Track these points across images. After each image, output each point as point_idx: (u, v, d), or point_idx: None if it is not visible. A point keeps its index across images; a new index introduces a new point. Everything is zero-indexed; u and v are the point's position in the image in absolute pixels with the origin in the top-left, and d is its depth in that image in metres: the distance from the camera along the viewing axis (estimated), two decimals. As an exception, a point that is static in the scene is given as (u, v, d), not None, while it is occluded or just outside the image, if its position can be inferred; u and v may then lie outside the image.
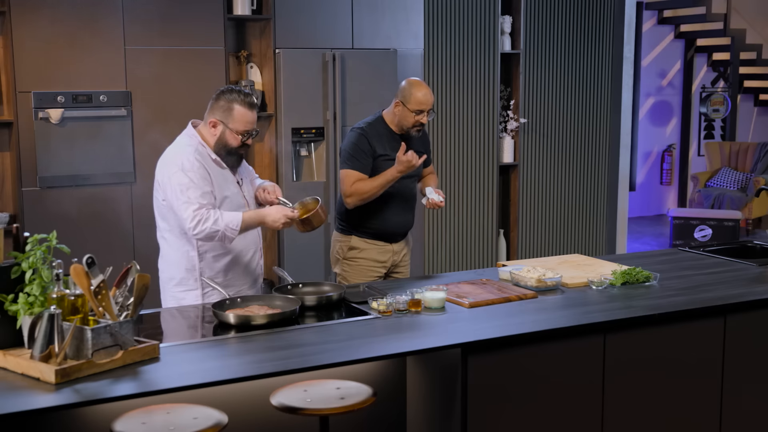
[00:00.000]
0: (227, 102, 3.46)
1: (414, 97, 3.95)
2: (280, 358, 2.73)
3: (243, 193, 3.60)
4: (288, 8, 5.61)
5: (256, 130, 3.53)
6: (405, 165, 3.89)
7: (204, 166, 3.45)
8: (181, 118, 5.31)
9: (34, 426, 2.68)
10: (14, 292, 2.67)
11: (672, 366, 3.33)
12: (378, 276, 4.15)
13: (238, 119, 3.45)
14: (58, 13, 4.97)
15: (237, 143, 3.49)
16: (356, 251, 4.13)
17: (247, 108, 3.46)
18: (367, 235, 4.12)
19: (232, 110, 3.45)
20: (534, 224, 7.03)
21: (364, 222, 4.10)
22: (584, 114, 7.13)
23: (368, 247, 4.12)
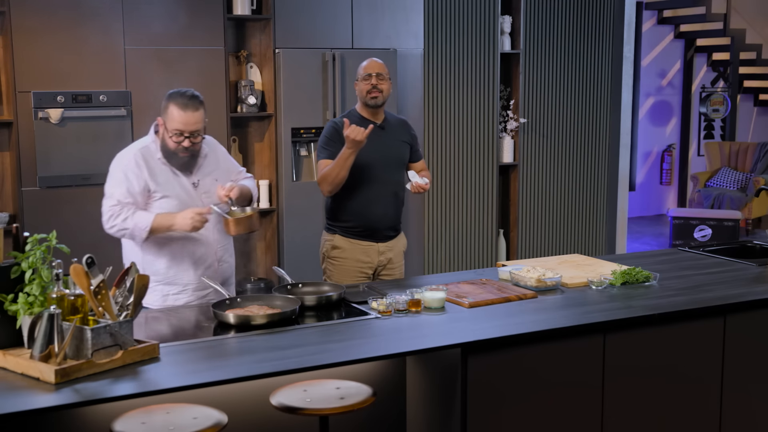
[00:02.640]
0: (166, 102, 3.43)
1: (359, 69, 4.09)
2: (279, 358, 2.73)
3: (199, 196, 3.54)
4: (288, 8, 5.61)
5: (196, 133, 3.42)
6: (350, 138, 3.81)
7: (147, 165, 3.45)
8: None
9: (34, 426, 2.68)
10: (14, 292, 2.67)
11: (672, 366, 3.33)
12: (364, 277, 4.11)
13: (171, 119, 3.40)
14: (58, 13, 4.96)
15: (173, 145, 3.43)
16: (339, 251, 4.10)
17: (179, 108, 3.38)
18: (351, 234, 4.08)
19: (167, 109, 3.41)
20: (534, 224, 7.03)
21: (347, 219, 4.08)
22: (584, 114, 7.13)
23: (351, 246, 4.08)
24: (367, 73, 4.05)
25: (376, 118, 4.10)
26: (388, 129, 4.13)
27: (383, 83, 4.05)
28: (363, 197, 4.04)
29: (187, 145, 3.43)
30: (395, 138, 4.13)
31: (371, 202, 4.06)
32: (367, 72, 4.05)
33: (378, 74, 4.03)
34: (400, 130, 4.18)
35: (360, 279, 4.09)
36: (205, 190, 3.57)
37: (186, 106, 3.38)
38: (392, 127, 4.16)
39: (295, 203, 5.69)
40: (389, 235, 4.15)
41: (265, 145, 5.79)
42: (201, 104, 3.45)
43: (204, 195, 3.56)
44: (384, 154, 4.08)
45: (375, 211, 4.07)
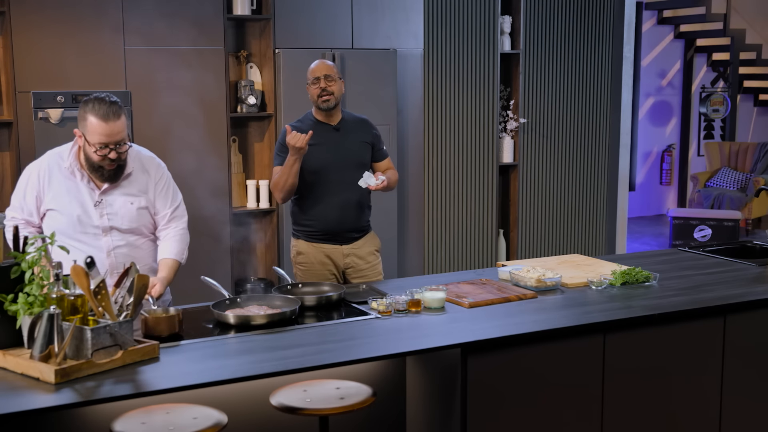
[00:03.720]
0: (83, 111, 3.14)
1: (309, 72, 4.00)
2: (279, 358, 2.73)
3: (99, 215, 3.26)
4: (288, 8, 5.61)
5: (122, 143, 3.16)
6: (292, 147, 3.79)
7: (50, 175, 3.25)
8: (180, 118, 5.33)
9: (33, 426, 2.68)
10: (14, 292, 2.67)
11: (672, 366, 3.33)
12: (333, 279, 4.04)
13: (91, 131, 3.12)
14: (58, 13, 4.97)
15: (95, 157, 3.16)
16: (303, 256, 4.06)
17: (100, 118, 3.10)
18: (313, 238, 4.04)
19: (86, 120, 3.13)
20: (534, 224, 7.03)
21: (307, 223, 4.04)
22: (584, 114, 7.13)
23: (314, 251, 4.03)
24: (315, 76, 3.96)
25: (331, 120, 4.03)
26: (344, 130, 4.05)
27: (332, 84, 3.96)
28: (321, 200, 3.99)
29: (113, 157, 3.17)
30: (353, 139, 4.05)
31: (330, 205, 3.99)
32: (315, 75, 3.96)
33: (326, 76, 3.94)
34: (358, 130, 4.09)
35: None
36: (109, 210, 3.28)
37: (107, 115, 3.10)
38: (349, 127, 4.08)
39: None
40: (353, 236, 4.08)
41: (265, 145, 5.79)
42: (121, 109, 3.17)
43: (107, 215, 3.27)
44: (341, 155, 4.00)
45: (334, 214, 4.00)
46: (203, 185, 5.34)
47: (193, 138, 5.33)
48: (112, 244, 3.31)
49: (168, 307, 3.09)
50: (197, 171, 5.35)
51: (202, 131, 5.40)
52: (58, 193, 3.26)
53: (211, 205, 5.33)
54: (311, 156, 3.91)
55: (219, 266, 5.36)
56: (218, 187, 5.46)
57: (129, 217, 3.33)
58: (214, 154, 5.45)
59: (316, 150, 3.93)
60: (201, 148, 5.37)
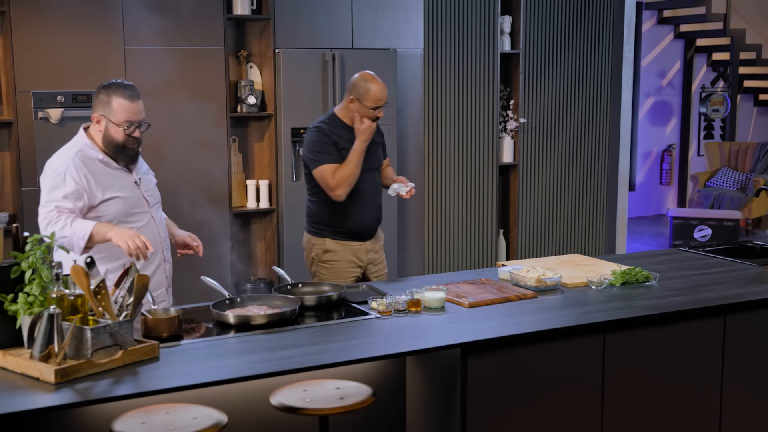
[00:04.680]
0: (107, 96, 3.34)
1: (371, 94, 3.94)
2: (279, 358, 2.73)
3: (142, 193, 3.49)
4: (288, 8, 5.61)
5: (144, 122, 3.38)
6: (367, 132, 3.89)
7: (86, 169, 3.33)
8: (180, 118, 5.33)
9: (33, 426, 2.68)
10: (14, 291, 2.67)
11: (672, 366, 3.33)
12: (353, 277, 4.10)
13: (118, 110, 3.31)
14: (58, 13, 4.96)
15: (121, 137, 3.35)
16: (331, 254, 4.08)
17: (126, 99, 3.32)
18: (341, 236, 4.07)
19: (110, 102, 3.32)
20: (534, 224, 7.03)
21: (338, 222, 4.06)
22: (584, 114, 7.13)
23: (342, 248, 4.07)
24: (377, 105, 3.95)
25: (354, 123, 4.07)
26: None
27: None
28: (353, 200, 4.03)
29: (137, 135, 3.38)
30: (373, 140, 4.08)
31: (360, 203, 4.06)
32: (378, 104, 3.95)
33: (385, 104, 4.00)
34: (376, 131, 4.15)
35: (350, 280, 4.08)
36: (146, 188, 3.53)
37: (132, 95, 3.34)
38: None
39: (294, 203, 5.69)
40: (373, 233, 4.19)
41: (264, 145, 5.79)
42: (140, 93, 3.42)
43: (146, 193, 3.51)
44: (366, 157, 4.03)
45: (363, 212, 4.08)
46: (203, 185, 5.34)
47: (193, 138, 5.33)
48: (158, 217, 3.57)
49: (168, 307, 3.10)
50: (197, 171, 5.35)
51: (202, 131, 5.40)
52: (107, 184, 3.38)
53: (211, 205, 5.33)
54: (344, 158, 3.95)
55: (219, 266, 5.35)
56: (218, 187, 5.46)
57: (155, 192, 3.62)
58: (214, 154, 5.45)
59: (347, 152, 3.96)
60: (201, 148, 5.37)
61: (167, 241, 3.63)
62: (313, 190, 4.07)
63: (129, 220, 3.42)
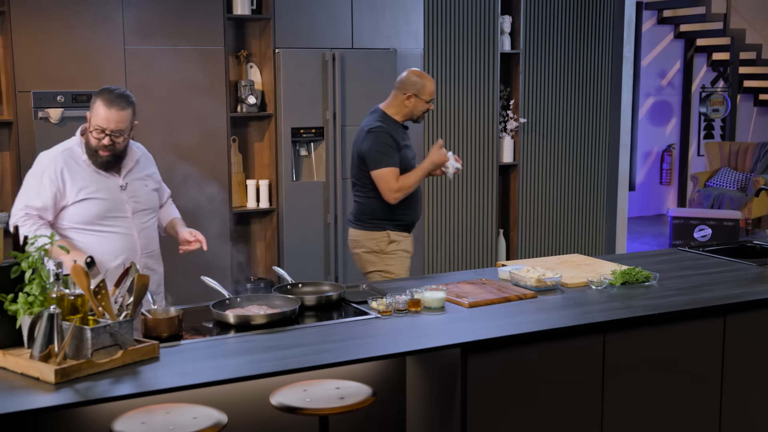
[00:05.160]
0: (95, 97, 3.37)
1: (427, 89, 4.22)
2: (279, 358, 2.73)
3: (126, 199, 3.46)
4: (288, 8, 5.61)
5: (119, 133, 3.33)
6: (441, 158, 4.20)
7: (67, 167, 3.34)
8: (181, 118, 5.33)
9: (33, 426, 2.68)
10: (14, 291, 2.67)
11: (671, 366, 3.33)
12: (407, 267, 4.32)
13: (95, 115, 3.33)
14: (58, 13, 4.96)
15: (94, 142, 3.35)
16: (395, 244, 4.26)
17: (105, 104, 3.31)
18: (399, 228, 4.27)
19: (94, 105, 3.35)
20: (534, 224, 7.03)
21: (399, 215, 4.25)
22: (584, 114, 7.13)
23: (402, 239, 4.29)
24: (433, 98, 4.26)
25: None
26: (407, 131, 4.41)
27: None
28: (412, 194, 4.27)
29: (107, 143, 3.34)
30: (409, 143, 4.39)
31: (416, 198, 4.32)
32: (433, 97, 4.26)
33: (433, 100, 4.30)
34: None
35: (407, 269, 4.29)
36: (133, 194, 3.49)
37: (111, 103, 3.31)
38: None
39: (294, 203, 5.70)
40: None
41: (265, 145, 5.79)
42: (130, 105, 3.37)
43: (132, 198, 3.48)
44: (413, 154, 4.36)
45: (417, 205, 4.35)
46: (203, 185, 5.34)
47: (193, 138, 5.33)
48: (140, 224, 3.51)
49: (168, 307, 3.10)
50: (197, 171, 5.34)
51: (202, 131, 5.40)
52: (83, 185, 3.37)
53: (211, 205, 5.33)
54: (404, 156, 4.22)
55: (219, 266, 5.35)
56: (218, 187, 5.46)
57: (147, 199, 3.56)
58: (214, 154, 5.45)
59: (407, 149, 4.26)
60: (201, 148, 5.37)
61: (151, 249, 3.57)
62: (369, 187, 4.22)
63: (102, 223, 3.40)
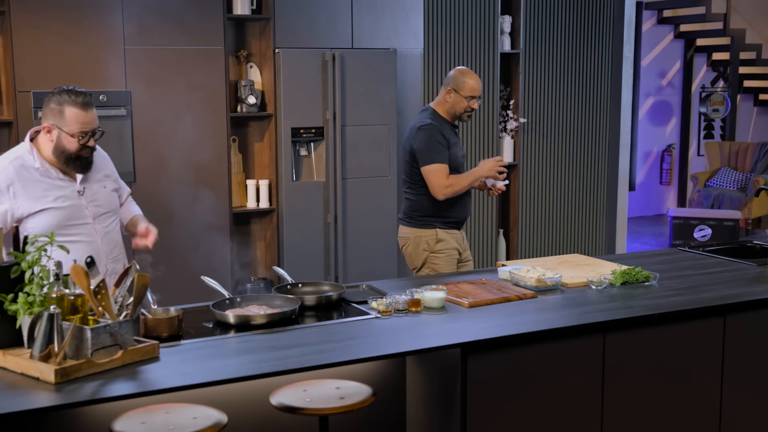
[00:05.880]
0: (58, 104, 3.18)
1: (467, 85, 4.30)
2: (279, 358, 2.73)
3: (85, 204, 3.31)
4: (288, 8, 5.61)
5: (98, 130, 3.26)
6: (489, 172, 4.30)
7: (20, 179, 3.18)
8: (180, 118, 5.33)
9: (33, 426, 2.68)
10: (14, 291, 2.67)
11: (671, 366, 3.33)
12: (457, 262, 4.42)
13: (71, 121, 3.17)
14: (58, 13, 4.96)
15: (75, 147, 3.21)
16: (443, 243, 4.35)
17: (79, 108, 3.19)
18: (448, 226, 4.37)
19: (63, 112, 3.17)
20: (534, 224, 7.03)
21: (449, 212, 4.36)
22: (584, 114, 7.13)
23: (449, 237, 4.38)
24: (473, 95, 4.32)
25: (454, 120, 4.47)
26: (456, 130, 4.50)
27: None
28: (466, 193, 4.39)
29: (92, 145, 3.26)
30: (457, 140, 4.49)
31: (465, 196, 4.41)
32: (473, 94, 4.32)
33: (479, 97, 4.36)
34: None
35: (455, 267, 4.40)
36: (92, 198, 3.35)
37: (85, 104, 3.21)
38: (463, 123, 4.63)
39: (294, 203, 5.70)
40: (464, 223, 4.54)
41: (265, 145, 5.79)
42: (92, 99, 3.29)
43: (91, 203, 3.34)
44: (463, 153, 4.48)
45: (467, 203, 4.44)
46: (203, 185, 5.34)
47: (193, 138, 5.33)
48: (103, 229, 3.38)
49: (168, 307, 3.10)
50: (197, 171, 5.35)
51: (202, 131, 5.40)
52: (37, 196, 3.22)
53: (210, 205, 5.33)
54: (453, 154, 4.34)
55: (219, 266, 5.35)
56: (218, 187, 5.46)
57: (107, 201, 3.43)
58: (214, 154, 5.45)
59: (456, 147, 4.38)
60: (201, 148, 5.37)
61: (116, 254, 3.45)
62: (419, 184, 4.33)
63: (64, 233, 3.22)
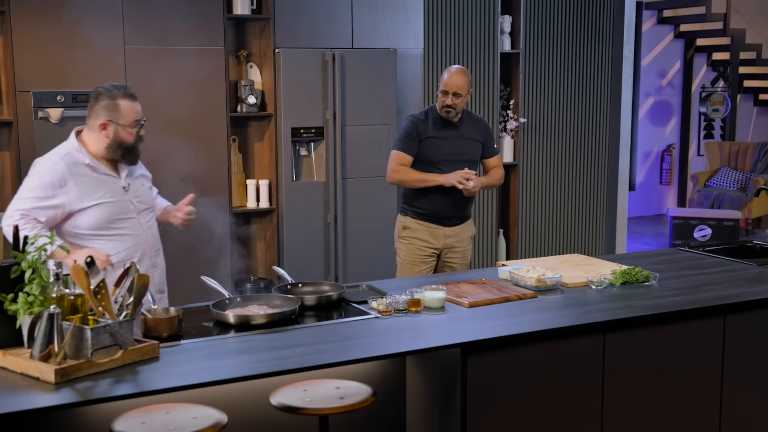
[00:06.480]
0: (111, 99, 3.35)
1: (442, 80, 4.39)
2: (279, 358, 2.73)
3: (130, 199, 3.44)
4: (288, 8, 5.61)
5: (144, 119, 3.45)
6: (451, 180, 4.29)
7: (72, 174, 3.28)
8: (180, 117, 5.33)
9: (33, 426, 2.68)
10: (14, 291, 2.67)
11: (671, 366, 3.33)
12: (428, 255, 4.48)
13: (127, 112, 3.36)
14: (58, 12, 4.96)
15: (131, 138, 3.38)
16: (408, 231, 4.49)
17: (130, 99, 3.39)
18: (420, 217, 4.46)
19: (118, 106, 3.35)
20: (534, 224, 7.03)
21: (417, 203, 4.46)
22: (584, 114, 7.13)
23: (420, 228, 4.46)
24: (444, 90, 4.36)
25: (454, 118, 4.43)
26: (462, 128, 4.48)
27: (458, 100, 4.35)
28: (434, 188, 4.39)
29: (143, 134, 3.44)
30: (468, 137, 4.48)
31: (441, 193, 4.39)
32: (444, 89, 4.36)
33: (455, 94, 4.33)
34: (473, 129, 4.51)
35: (426, 258, 4.49)
36: (135, 194, 3.48)
37: (134, 96, 3.43)
38: (466, 126, 4.49)
39: (294, 203, 5.70)
40: (455, 222, 4.50)
41: (265, 144, 5.79)
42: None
43: (135, 199, 3.46)
44: (455, 150, 4.43)
45: (442, 202, 4.41)
46: (203, 185, 5.34)
47: (193, 137, 5.33)
48: (146, 224, 3.51)
49: (168, 307, 3.10)
50: (197, 170, 5.34)
51: (202, 131, 5.40)
52: (88, 192, 3.32)
53: (210, 205, 5.32)
54: (431, 147, 4.39)
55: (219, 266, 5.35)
56: (218, 187, 5.47)
57: (147, 197, 3.56)
58: (214, 154, 5.45)
59: (435, 142, 4.39)
60: (201, 148, 5.37)
61: (157, 247, 3.58)
62: None
63: (113, 227, 3.37)
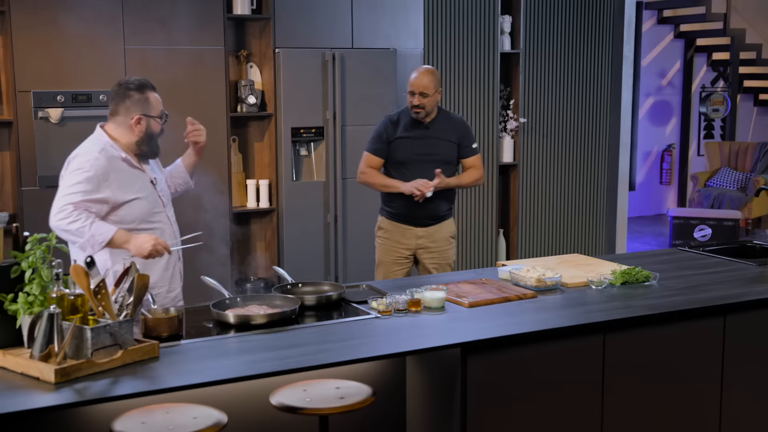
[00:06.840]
0: (140, 93, 3.41)
1: (409, 80, 4.35)
2: (279, 358, 2.73)
3: (158, 194, 3.51)
4: (288, 8, 5.61)
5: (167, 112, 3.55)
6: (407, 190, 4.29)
7: (111, 169, 3.34)
8: (180, 117, 5.32)
9: (33, 425, 2.68)
10: (14, 291, 2.67)
11: (671, 366, 3.33)
12: (402, 256, 4.50)
13: (156, 104, 3.45)
14: (58, 12, 4.96)
15: (159, 128, 3.48)
16: (382, 231, 4.54)
17: (155, 92, 3.48)
18: (392, 217, 4.49)
19: (148, 99, 3.43)
20: (534, 224, 7.03)
21: (390, 204, 4.49)
22: (584, 114, 7.13)
23: (393, 228, 4.49)
24: (410, 90, 4.34)
25: (424, 118, 4.39)
26: (434, 128, 4.42)
27: (425, 100, 4.31)
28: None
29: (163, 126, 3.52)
30: (441, 137, 4.42)
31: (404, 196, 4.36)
32: (410, 89, 4.34)
33: (421, 93, 4.30)
34: (448, 129, 4.45)
35: (399, 258, 4.50)
36: (161, 187, 3.56)
37: (155, 89, 3.49)
38: (440, 126, 4.43)
39: (294, 203, 5.70)
40: (427, 222, 4.47)
41: (264, 144, 5.79)
42: None
43: (161, 193, 3.54)
44: (426, 151, 4.39)
45: (412, 202, 4.36)
46: (203, 185, 5.33)
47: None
48: (172, 216, 3.59)
49: (168, 307, 3.11)
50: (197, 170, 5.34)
51: (202, 131, 5.39)
52: (128, 185, 3.38)
53: (211, 205, 5.32)
54: (401, 147, 4.39)
55: (219, 266, 5.34)
56: (218, 187, 5.46)
57: (168, 192, 3.64)
58: (213, 154, 5.45)
59: (406, 143, 4.39)
60: (201, 148, 5.36)
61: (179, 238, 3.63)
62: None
63: (151, 220, 3.44)
